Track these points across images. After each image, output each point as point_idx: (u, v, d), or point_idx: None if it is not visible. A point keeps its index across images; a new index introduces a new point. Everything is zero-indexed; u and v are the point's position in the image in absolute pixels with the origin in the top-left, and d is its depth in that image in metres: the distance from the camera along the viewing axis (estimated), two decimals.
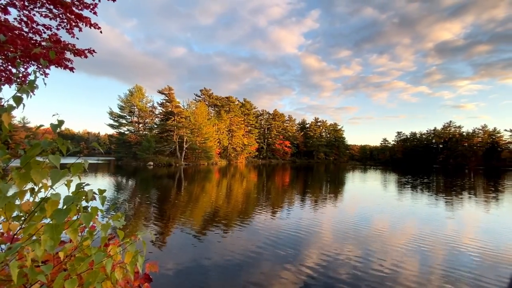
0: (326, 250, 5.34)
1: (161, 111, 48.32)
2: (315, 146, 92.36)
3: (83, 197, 1.14)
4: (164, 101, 46.38)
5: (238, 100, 71.95)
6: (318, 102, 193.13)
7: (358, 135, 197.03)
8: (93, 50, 5.69)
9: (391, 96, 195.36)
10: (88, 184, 1.41)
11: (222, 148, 59.30)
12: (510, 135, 71.01)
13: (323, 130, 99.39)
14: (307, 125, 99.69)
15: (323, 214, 8.64)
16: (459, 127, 78.98)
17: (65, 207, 1.01)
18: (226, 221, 7.51)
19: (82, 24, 5.59)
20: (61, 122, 1.18)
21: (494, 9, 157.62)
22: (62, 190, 1.16)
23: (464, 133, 77.24)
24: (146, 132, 47.67)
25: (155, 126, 48.64)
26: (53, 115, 1.30)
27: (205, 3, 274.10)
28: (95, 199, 1.42)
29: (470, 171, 45.58)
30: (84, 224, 1.19)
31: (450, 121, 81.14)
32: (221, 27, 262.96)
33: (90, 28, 5.73)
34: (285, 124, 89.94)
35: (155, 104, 49.92)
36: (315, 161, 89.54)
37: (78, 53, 5.47)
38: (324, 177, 26.22)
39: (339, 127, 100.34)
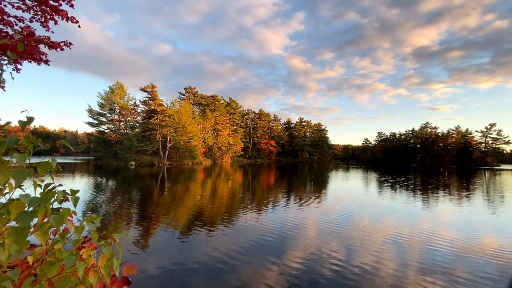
0: (311, 248, 5.42)
1: (143, 109, 46.97)
2: (299, 146, 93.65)
3: (53, 198, 1.08)
4: (146, 99, 45.10)
5: (223, 99, 71.46)
6: (303, 103, 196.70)
7: (341, 135, 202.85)
8: (70, 43, 5.43)
9: (372, 98, 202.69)
10: (60, 185, 1.34)
11: (207, 147, 58.64)
12: (480, 136, 75.65)
13: (308, 130, 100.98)
14: (292, 125, 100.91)
15: (307, 213, 8.76)
16: (435, 128, 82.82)
17: (30, 209, 0.95)
18: (210, 221, 7.44)
19: (58, 17, 5.32)
20: (30, 119, 1.12)
21: (467, 18, 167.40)
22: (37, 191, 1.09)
23: (439, 134, 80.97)
24: (127, 131, 46.04)
25: (137, 124, 47.04)
26: (22, 111, 1.23)
27: (190, 1, 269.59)
28: (68, 200, 1.36)
29: (445, 169, 48.04)
30: (55, 227, 1.13)
31: (427, 122, 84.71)
32: (207, 25, 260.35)
33: (67, 21, 5.46)
34: (270, 123, 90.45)
35: (138, 102, 48.49)
36: (299, 160, 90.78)
37: (53, 45, 5.20)
38: (308, 176, 26.61)
39: (323, 127, 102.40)
